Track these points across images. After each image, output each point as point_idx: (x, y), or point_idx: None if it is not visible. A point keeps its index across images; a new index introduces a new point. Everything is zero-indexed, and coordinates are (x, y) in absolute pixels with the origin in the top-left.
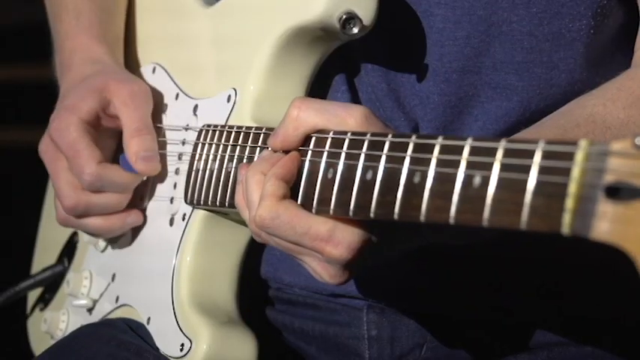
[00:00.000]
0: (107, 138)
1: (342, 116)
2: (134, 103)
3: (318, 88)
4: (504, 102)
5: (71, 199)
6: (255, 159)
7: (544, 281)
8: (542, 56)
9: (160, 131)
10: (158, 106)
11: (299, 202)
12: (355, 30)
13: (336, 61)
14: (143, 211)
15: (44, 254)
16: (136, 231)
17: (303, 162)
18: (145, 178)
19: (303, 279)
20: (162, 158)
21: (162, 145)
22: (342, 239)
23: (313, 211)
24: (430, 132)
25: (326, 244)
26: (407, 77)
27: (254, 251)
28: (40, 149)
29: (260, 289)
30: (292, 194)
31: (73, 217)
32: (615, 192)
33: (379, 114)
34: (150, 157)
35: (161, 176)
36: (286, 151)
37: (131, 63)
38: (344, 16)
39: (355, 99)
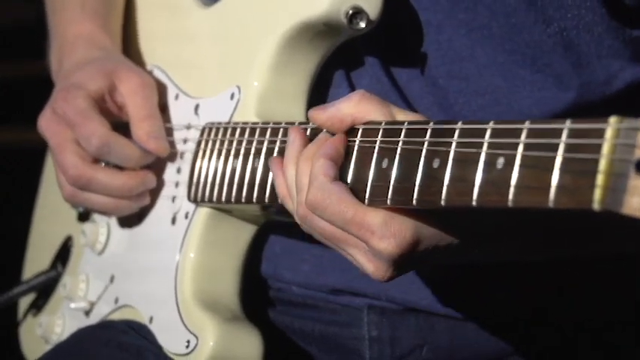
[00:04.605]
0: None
1: (398, 117)
2: (144, 92)
3: (317, 84)
4: (494, 106)
5: (76, 169)
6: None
7: (544, 280)
8: (524, 59)
9: None
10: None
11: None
12: (362, 24)
13: (335, 57)
14: (144, 211)
15: (36, 259)
16: (136, 231)
17: (351, 150)
18: (149, 161)
19: (302, 276)
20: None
21: None
22: (390, 233)
23: (366, 202)
24: None
25: (372, 234)
26: (403, 76)
27: (254, 250)
28: (40, 125)
29: (260, 291)
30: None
31: (78, 189)
32: None
33: None
34: (160, 138)
35: (162, 175)
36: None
37: None
38: (350, 11)
39: None
